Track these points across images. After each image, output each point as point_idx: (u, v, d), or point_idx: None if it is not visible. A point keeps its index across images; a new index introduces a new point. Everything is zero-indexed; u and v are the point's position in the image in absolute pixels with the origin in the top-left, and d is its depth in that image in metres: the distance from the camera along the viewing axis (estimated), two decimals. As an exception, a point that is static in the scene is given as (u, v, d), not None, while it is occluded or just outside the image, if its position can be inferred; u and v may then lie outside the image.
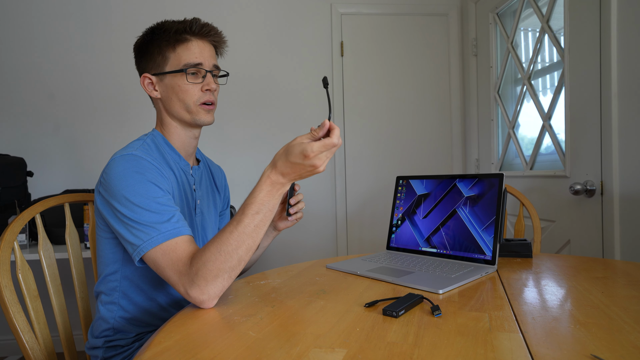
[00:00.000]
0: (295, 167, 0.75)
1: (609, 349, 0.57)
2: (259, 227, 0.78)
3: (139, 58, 1.02)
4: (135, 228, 0.81)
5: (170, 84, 0.97)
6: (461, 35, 2.64)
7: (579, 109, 1.68)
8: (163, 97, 1.00)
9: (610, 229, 1.53)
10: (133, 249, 0.81)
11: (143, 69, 1.01)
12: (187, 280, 0.77)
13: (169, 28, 0.96)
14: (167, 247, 0.80)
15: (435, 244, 1.16)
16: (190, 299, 0.77)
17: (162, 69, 0.98)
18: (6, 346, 2.32)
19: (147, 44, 0.98)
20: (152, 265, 0.81)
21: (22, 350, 0.91)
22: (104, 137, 2.41)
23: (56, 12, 2.35)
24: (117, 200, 0.83)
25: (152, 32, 0.98)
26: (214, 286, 0.76)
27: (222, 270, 0.76)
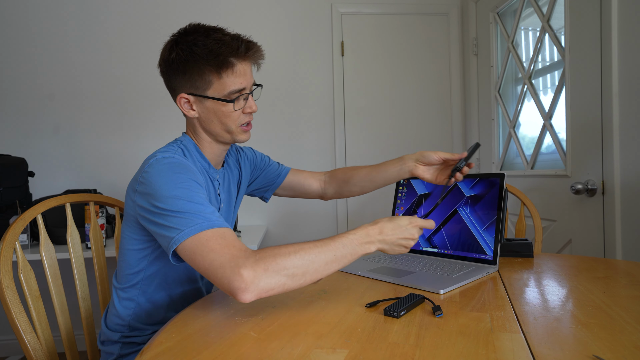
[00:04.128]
0: (396, 230, 0.82)
1: (610, 350, 0.57)
2: (336, 262, 0.75)
3: (172, 74, 0.92)
4: (177, 217, 0.76)
5: (212, 108, 0.92)
6: (462, 34, 2.64)
7: (579, 108, 1.68)
8: (202, 118, 0.95)
9: (612, 229, 1.53)
10: (174, 235, 0.75)
11: (178, 88, 0.93)
12: (242, 261, 0.70)
13: (213, 50, 0.87)
14: (217, 232, 0.74)
15: (436, 243, 1.16)
16: (234, 281, 0.68)
17: (203, 91, 0.91)
18: (8, 346, 2.33)
19: (185, 62, 0.89)
20: (194, 251, 0.73)
21: (24, 350, 0.91)
22: (105, 137, 2.41)
23: (56, 13, 2.36)
24: (158, 198, 0.79)
25: (192, 50, 0.88)
26: (268, 280, 0.69)
27: (286, 271, 0.71)
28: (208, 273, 0.72)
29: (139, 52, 2.43)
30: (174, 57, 0.90)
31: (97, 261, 1.16)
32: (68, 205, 1.11)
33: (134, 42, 2.42)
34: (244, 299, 0.69)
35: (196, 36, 0.89)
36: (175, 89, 0.94)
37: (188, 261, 0.75)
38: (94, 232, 1.16)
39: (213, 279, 0.71)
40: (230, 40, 0.89)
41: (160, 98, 2.45)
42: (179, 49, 0.89)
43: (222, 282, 0.70)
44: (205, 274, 0.73)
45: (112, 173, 2.42)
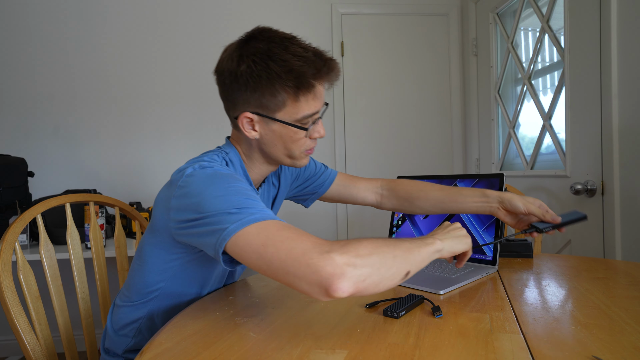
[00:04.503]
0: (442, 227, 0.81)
1: (610, 350, 0.57)
2: (410, 254, 0.67)
3: (236, 88, 0.79)
4: (231, 214, 0.66)
5: (279, 132, 0.82)
6: (461, 35, 2.64)
7: (579, 109, 1.68)
8: (263, 140, 0.84)
9: (611, 229, 1.53)
10: (226, 226, 0.65)
11: (241, 105, 0.81)
12: (328, 246, 0.60)
13: (294, 69, 0.76)
14: (283, 224, 0.66)
15: (436, 244, 1.16)
16: (327, 267, 0.57)
17: (272, 113, 0.80)
18: (7, 346, 2.33)
19: (258, 78, 0.76)
20: (262, 242, 0.63)
21: (23, 350, 0.91)
22: (105, 137, 2.41)
23: (56, 13, 2.35)
24: (202, 205, 0.69)
25: (267, 65, 0.76)
26: (362, 267, 0.59)
27: (372, 260, 0.61)
28: (285, 265, 0.60)
29: (139, 52, 2.43)
30: (243, 70, 0.77)
31: (96, 261, 1.16)
32: (68, 205, 1.11)
33: (134, 42, 2.42)
34: (341, 289, 0.57)
35: (271, 47, 0.77)
36: (237, 105, 0.82)
37: (248, 256, 0.64)
38: (94, 232, 1.16)
39: (294, 271, 0.59)
40: (313, 57, 0.78)
41: (160, 98, 2.45)
42: (252, 61, 0.76)
43: (307, 273, 0.58)
44: (281, 268, 0.60)
45: (111, 173, 2.42)
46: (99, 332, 2.21)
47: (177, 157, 2.47)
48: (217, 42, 2.68)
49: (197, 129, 2.48)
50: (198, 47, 2.47)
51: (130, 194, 2.42)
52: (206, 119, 2.48)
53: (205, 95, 2.48)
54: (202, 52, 2.48)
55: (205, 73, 2.47)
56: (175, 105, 2.47)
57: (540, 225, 0.90)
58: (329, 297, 0.58)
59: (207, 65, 2.57)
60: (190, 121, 2.48)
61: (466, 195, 1.02)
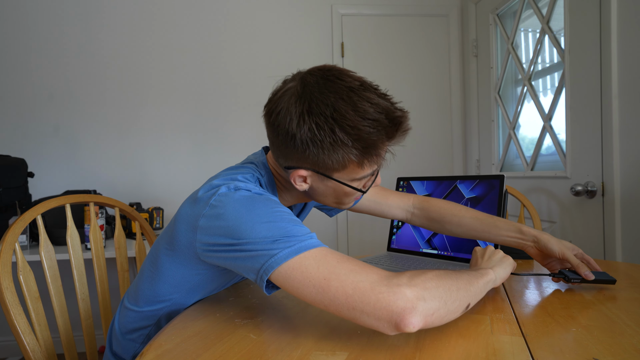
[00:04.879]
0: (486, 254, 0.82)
1: (610, 352, 0.57)
2: (470, 285, 0.66)
3: (290, 145, 0.70)
4: (276, 241, 0.63)
5: (333, 188, 0.76)
6: (461, 36, 2.64)
7: (579, 110, 1.68)
8: (314, 191, 0.78)
9: (612, 231, 1.53)
10: (274, 253, 0.62)
11: (295, 161, 0.72)
12: (396, 279, 0.58)
13: (362, 137, 0.67)
14: (339, 254, 0.63)
15: (436, 245, 1.16)
16: (398, 301, 0.55)
17: (329, 172, 0.72)
18: (7, 347, 2.32)
19: (319, 142, 0.67)
20: (324, 276, 0.59)
21: (23, 351, 0.91)
22: (105, 138, 2.41)
23: (56, 13, 2.36)
24: (240, 230, 0.65)
25: (333, 132, 0.67)
26: (432, 300, 0.57)
27: (438, 292, 0.59)
28: (352, 300, 0.57)
29: (138, 53, 2.43)
30: (304, 134, 0.68)
31: (96, 262, 1.16)
32: (68, 206, 1.10)
33: (134, 43, 2.43)
34: (412, 323, 0.55)
35: (338, 104, 0.67)
36: (290, 161, 0.73)
37: (305, 290, 0.60)
38: (94, 233, 1.16)
39: (361, 307, 0.57)
40: (385, 119, 0.69)
41: (160, 99, 2.45)
42: (315, 124, 0.67)
43: (376, 308, 0.56)
44: (346, 303, 0.58)
45: (111, 174, 2.42)
46: (98, 333, 2.21)
47: (177, 157, 2.47)
48: (217, 43, 2.69)
49: (197, 129, 2.48)
50: (198, 47, 2.47)
51: (130, 195, 2.42)
52: (206, 120, 2.48)
53: (206, 95, 2.48)
54: (202, 53, 2.48)
55: (205, 73, 2.48)
56: (176, 106, 2.47)
57: (570, 274, 0.87)
58: (398, 331, 0.56)
59: (207, 66, 2.58)
60: (190, 122, 2.48)
61: (501, 228, 0.99)
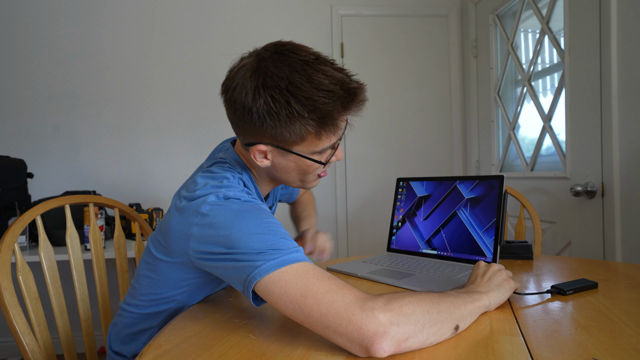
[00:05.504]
0: (485, 276, 0.78)
1: (610, 352, 0.57)
2: (454, 308, 0.64)
3: (249, 122, 0.72)
4: (262, 253, 0.64)
5: (294, 162, 0.77)
6: (461, 36, 2.64)
7: (579, 110, 1.68)
8: (276, 168, 0.80)
9: (611, 231, 1.53)
10: (259, 264, 0.63)
11: (254, 137, 0.74)
12: (371, 302, 0.57)
13: (317, 107, 0.69)
14: (322, 271, 0.63)
15: (436, 245, 1.16)
16: (370, 325, 0.55)
17: (288, 145, 0.74)
18: (6, 348, 2.32)
19: (276, 116, 0.69)
20: (301, 292, 0.60)
21: (22, 352, 0.91)
22: (104, 139, 2.41)
23: (55, 14, 2.36)
24: (231, 240, 0.66)
25: (288, 103, 0.68)
26: (406, 325, 0.57)
27: (415, 317, 0.58)
28: (326, 319, 0.57)
29: (137, 53, 2.43)
30: (260, 107, 0.69)
31: (96, 263, 1.16)
32: (67, 206, 1.10)
33: (133, 44, 2.43)
34: (383, 349, 0.54)
35: (292, 76, 0.68)
36: (249, 136, 0.75)
37: (283, 304, 0.61)
38: (93, 234, 1.16)
39: (334, 327, 0.57)
40: (340, 90, 0.70)
41: (160, 99, 2.45)
42: (270, 97, 0.68)
43: (348, 330, 0.56)
44: (320, 322, 0.58)
45: (111, 174, 2.42)
46: (98, 334, 2.21)
47: (176, 158, 2.47)
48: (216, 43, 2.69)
49: (197, 130, 2.48)
50: (197, 47, 2.47)
51: (130, 196, 2.42)
52: (205, 120, 2.48)
53: (205, 96, 2.48)
54: (201, 53, 2.48)
55: (204, 74, 2.48)
56: (175, 107, 2.47)
57: (563, 287, 0.84)
58: (368, 355, 0.56)
59: (207, 66, 2.58)
60: (190, 122, 2.48)
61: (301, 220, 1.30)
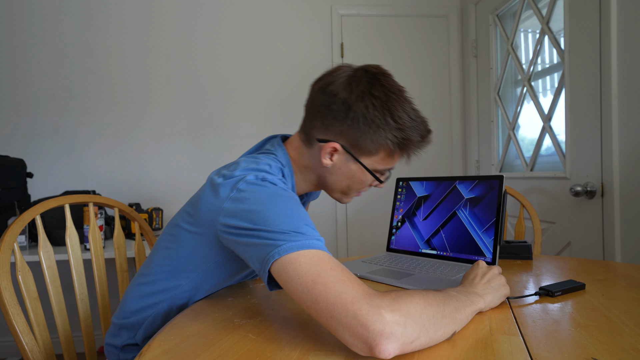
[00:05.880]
0: (482, 277, 0.78)
1: (609, 352, 0.57)
2: (456, 312, 0.64)
3: (339, 116, 0.77)
4: (284, 233, 0.65)
5: (353, 171, 0.82)
6: (461, 36, 2.64)
7: (579, 110, 1.68)
8: (331, 171, 0.83)
9: (611, 231, 1.53)
10: (280, 244, 0.63)
11: (335, 134, 0.79)
12: (379, 299, 0.56)
13: (405, 129, 0.77)
14: (336, 262, 0.63)
15: (436, 245, 1.16)
16: (376, 323, 0.53)
17: (359, 154, 0.80)
18: (5, 348, 2.32)
19: (369, 120, 0.76)
20: (311, 277, 0.60)
21: (22, 351, 0.91)
22: (104, 138, 2.41)
23: (55, 13, 2.36)
24: (257, 216, 0.68)
25: (384, 114, 0.76)
26: (413, 327, 0.55)
27: (421, 319, 0.57)
28: (332, 308, 0.56)
29: (137, 53, 2.43)
30: (360, 108, 0.76)
31: (96, 263, 1.15)
32: (67, 206, 1.10)
33: (133, 43, 2.43)
34: (387, 350, 0.53)
35: (390, 97, 0.77)
36: (329, 132, 0.80)
37: (294, 286, 0.61)
38: (93, 234, 1.16)
39: (338, 317, 0.56)
40: (422, 125, 0.80)
41: (159, 99, 2.45)
42: (371, 104, 0.76)
43: (353, 324, 0.54)
44: (325, 309, 0.57)
45: (111, 174, 2.41)
46: (98, 334, 2.21)
47: (176, 157, 2.47)
48: (216, 43, 2.69)
49: (196, 130, 2.48)
50: (197, 47, 2.47)
51: (130, 195, 2.42)
52: (206, 120, 2.48)
53: (205, 96, 2.48)
54: (202, 53, 2.48)
55: (204, 74, 2.48)
56: (175, 107, 2.47)
57: (552, 288, 0.84)
58: (371, 354, 0.54)
59: (207, 66, 2.58)
60: (189, 122, 2.48)
61: None
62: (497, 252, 1.04)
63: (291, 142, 0.90)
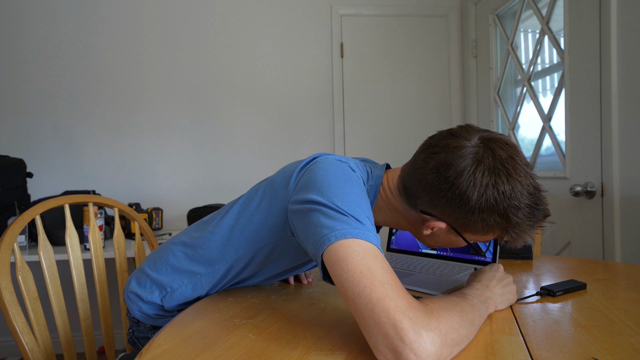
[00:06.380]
0: (494, 280, 0.77)
1: (609, 352, 0.57)
2: (476, 325, 0.63)
3: (453, 204, 0.69)
4: (346, 216, 0.63)
5: (453, 239, 0.77)
6: (461, 36, 2.64)
7: (579, 111, 1.68)
8: (430, 236, 0.79)
9: (611, 231, 1.53)
10: (338, 228, 0.61)
11: (443, 214, 0.72)
12: (422, 316, 0.54)
13: (520, 226, 0.70)
14: (387, 264, 0.61)
15: (436, 245, 1.16)
16: (413, 343, 0.51)
17: (463, 230, 0.73)
18: (5, 347, 2.32)
19: (485, 211, 0.68)
20: (363, 269, 0.58)
21: (22, 351, 0.91)
22: (104, 138, 2.41)
23: (55, 13, 2.35)
24: (322, 192, 0.67)
25: (503, 216, 0.68)
26: (445, 355, 0.54)
27: (454, 342, 0.55)
28: (372, 308, 0.54)
29: (137, 53, 2.43)
30: (477, 201, 0.67)
31: (95, 262, 1.15)
32: (67, 206, 1.10)
33: (132, 43, 2.42)
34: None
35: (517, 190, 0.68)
36: (435, 209, 0.73)
37: (341, 272, 0.59)
38: (93, 234, 1.16)
39: (377, 320, 0.54)
40: (542, 218, 0.72)
41: (159, 99, 2.45)
42: (495, 200, 0.67)
43: (389, 333, 0.52)
44: (366, 306, 0.55)
45: (111, 174, 2.41)
46: (97, 334, 2.21)
47: (176, 157, 2.47)
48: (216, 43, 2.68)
49: (196, 130, 2.48)
50: (197, 48, 2.47)
51: (130, 195, 2.42)
52: (206, 120, 2.48)
53: (205, 96, 2.48)
54: (201, 53, 2.48)
55: (204, 73, 2.48)
56: (175, 106, 2.47)
57: (553, 288, 0.85)
58: None
59: (206, 66, 2.58)
60: (189, 122, 2.48)
61: None
62: (497, 252, 1.04)
63: (388, 177, 0.82)
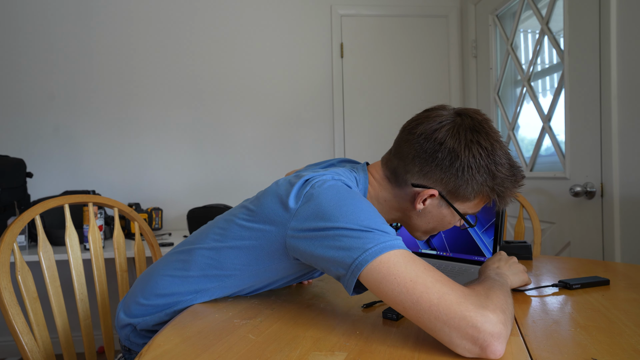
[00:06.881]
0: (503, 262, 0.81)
1: (609, 353, 0.57)
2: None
3: (443, 165, 0.74)
4: (371, 232, 0.63)
5: (444, 215, 0.79)
6: (461, 36, 2.64)
7: (578, 111, 1.68)
8: (422, 215, 0.80)
9: (611, 231, 1.53)
10: (368, 247, 0.61)
11: (434, 181, 0.75)
12: (476, 297, 0.57)
13: (505, 181, 0.75)
14: (426, 263, 0.62)
15: (435, 245, 1.16)
16: (485, 324, 0.54)
17: (455, 200, 0.77)
18: (5, 348, 2.32)
19: (474, 169, 0.73)
20: (411, 278, 0.58)
21: (21, 352, 0.91)
22: (104, 138, 2.41)
23: (55, 13, 2.35)
24: (332, 218, 0.65)
25: (489, 165, 0.73)
26: (508, 324, 0.57)
27: (507, 314, 0.58)
28: (436, 309, 0.56)
29: (137, 53, 2.43)
30: (466, 158, 0.72)
31: (95, 263, 1.15)
32: (66, 206, 1.10)
33: (132, 43, 2.42)
34: (498, 351, 0.53)
35: (496, 144, 0.74)
36: (427, 178, 0.76)
37: (389, 287, 0.59)
38: (93, 234, 1.16)
39: (445, 319, 0.55)
40: (520, 177, 0.77)
41: (159, 99, 2.45)
42: (479, 154, 0.73)
43: (462, 326, 0.54)
44: (429, 310, 0.56)
45: (110, 174, 2.41)
46: (97, 334, 2.21)
47: (176, 157, 2.47)
48: (215, 43, 2.68)
49: (196, 130, 2.48)
50: (197, 48, 2.47)
51: (130, 195, 2.42)
52: (206, 120, 2.48)
53: (205, 96, 2.48)
54: (201, 53, 2.48)
55: (204, 73, 2.48)
56: (175, 107, 2.47)
57: (571, 282, 0.87)
58: (480, 355, 0.54)
59: (207, 67, 2.58)
60: (189, 122, 2.48)
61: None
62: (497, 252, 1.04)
63: (372, 173, 0.84)
